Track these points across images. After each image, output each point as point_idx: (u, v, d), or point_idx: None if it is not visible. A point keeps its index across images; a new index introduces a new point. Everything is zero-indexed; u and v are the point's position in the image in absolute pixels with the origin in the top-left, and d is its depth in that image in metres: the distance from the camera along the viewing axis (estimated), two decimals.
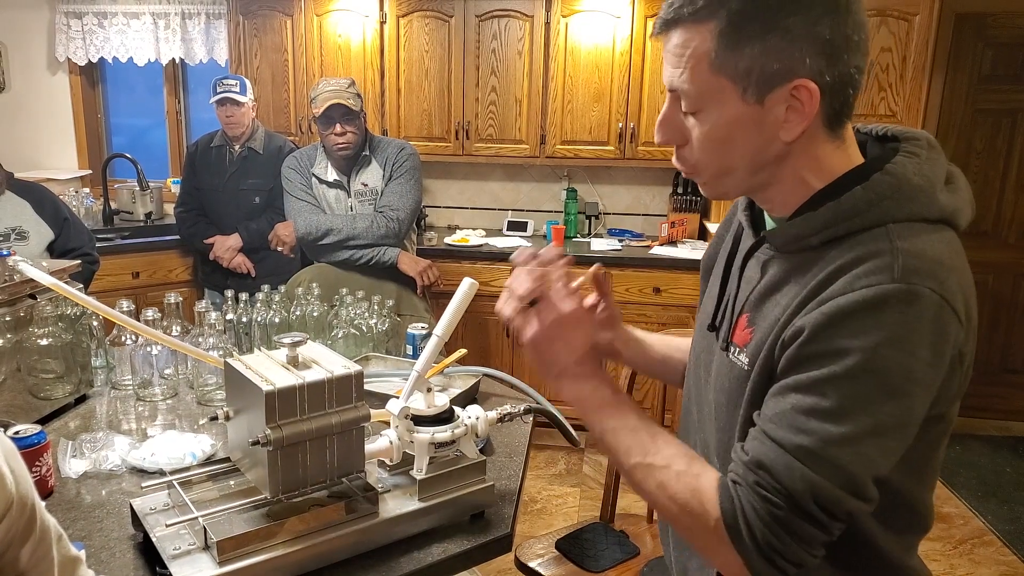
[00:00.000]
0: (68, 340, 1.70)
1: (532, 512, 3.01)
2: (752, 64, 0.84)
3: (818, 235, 0.87)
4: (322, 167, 2.86)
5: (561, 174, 4.07)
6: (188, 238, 3.54)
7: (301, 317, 2.06)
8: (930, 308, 0.78)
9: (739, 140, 0.88)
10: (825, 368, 0.80)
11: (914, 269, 0.79)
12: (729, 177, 0.92)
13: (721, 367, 0.99)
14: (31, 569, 0.79)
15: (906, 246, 0.81)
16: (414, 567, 1.16)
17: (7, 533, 0.75)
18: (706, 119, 0.88)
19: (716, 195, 0.98)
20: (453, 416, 1.27)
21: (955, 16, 3.69)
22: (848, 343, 0.78)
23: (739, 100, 0.86)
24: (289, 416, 1.08)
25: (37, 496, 0.80)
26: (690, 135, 0.91)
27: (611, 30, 3.57)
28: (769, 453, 0.82)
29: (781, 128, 0.86)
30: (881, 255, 0.81)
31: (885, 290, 0.78)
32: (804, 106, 0.84)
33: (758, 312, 0.93)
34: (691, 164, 0.94)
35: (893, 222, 0.84)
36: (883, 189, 0.85)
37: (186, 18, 4.09)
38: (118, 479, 1.40)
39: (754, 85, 0.85)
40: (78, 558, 0.90)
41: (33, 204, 2.58)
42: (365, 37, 3.74)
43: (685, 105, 0.89)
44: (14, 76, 4.23)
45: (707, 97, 0.87)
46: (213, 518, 1.10)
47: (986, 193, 3.88)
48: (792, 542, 0.81)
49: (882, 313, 0.78)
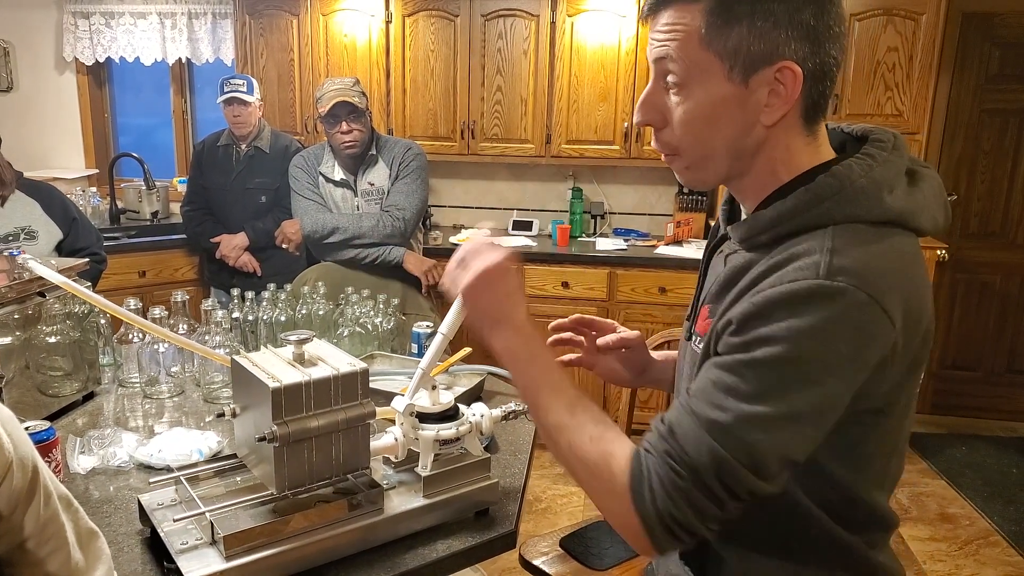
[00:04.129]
0: (76, 338, 1.71)
1: (536, 511, 3.02)
2: (740, 43, 0.85)
3: (766, 233, 0.90)
4: (329, 166, 2.87)
5: (566, 173, 4.07)
6: (195, 237, 3.55)
7: (307, 316, 2.07)
8: (853, 305, 0.80)
9: (722, 121, 0.89)
10: (748, 353, 0.83)
11: (840, 268, 0.81)
12: (711, 161, 0.93)
13: (687, 356, 1.06)
14: (37, 533, 0.80)
15: (838, 245, 0.83)
16: (419, 563, 1.16)
17: (10, 494, 0.75)
18: (690, 95, 0.89)
19: (695, 181, 0.97)
20: (458, 413, 1.27)
21: (962, 15, 3.68)
22: (770, 332, 0.81)
23: (724, 79, 0.87)
24: (295, 413, 1.09)
25: (41, 461, 0.81)
26: (671, 116, 0.92)
27: (617, 29, 3.57)
28: (684, 423, 0.85)
29: (762, 112, 0.88)
30: (811, 253, 0.83)
31: (809, 285, 0.80)
32: (787, 89, 0.86)
33: (716, 304, 0.96)
34: (672, 146, 0.94)
35: (834, 223, 0.86)
36: (823, 191, 0.87)
37: (192, 18, 4.10)
38: (126, 475, 1.41)
39: (740, 65, 0.86)
40: (96, 532, 0.90)
41: (42, 204, 2.59)
42: (371, 36, 3.75)
43: (672, 79, 0.90)
44: (22, 76, 4.26)
45: (694, 72, 0.88)
46: (220, 513, 1.10)
47: (994, 193, 3.87)
48: (690, 513, 0.83)
49: (805, 306, 0.80)
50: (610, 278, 3.56)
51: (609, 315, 3.56)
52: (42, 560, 0.81)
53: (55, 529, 0.82)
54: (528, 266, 3.62)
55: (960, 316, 4.00)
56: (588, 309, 3.59)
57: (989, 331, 4.00)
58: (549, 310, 3.63)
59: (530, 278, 3.62)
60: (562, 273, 3.59)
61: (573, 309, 3.59)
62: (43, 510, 0.80)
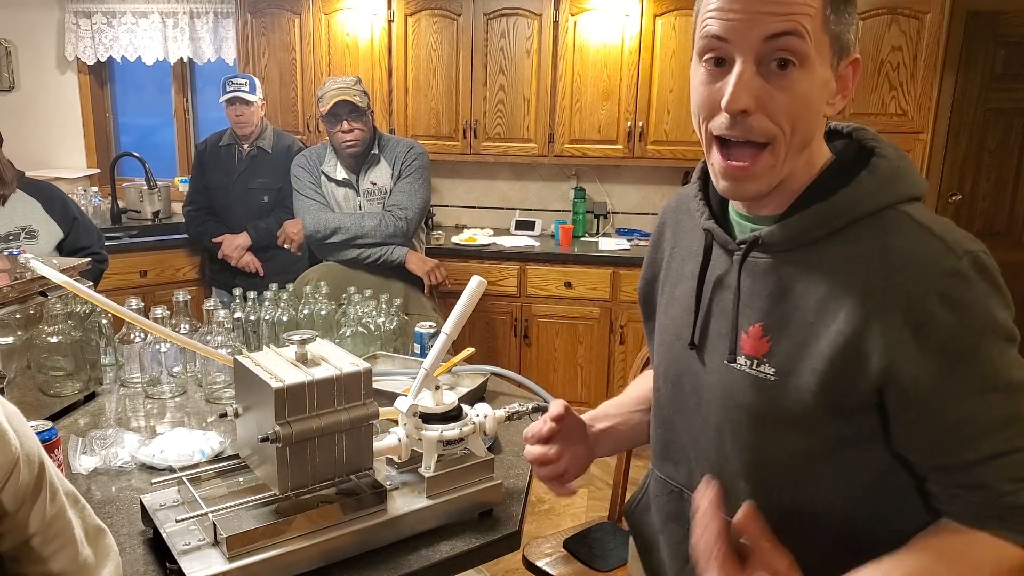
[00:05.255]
0: (78, 338, 1.71)
1: (540, 512, 3.01)
2: (842, 30, 0.86)
3: (825, 227, 0.87)
4: (331, 165, 2.86)
5: (569, 173, 4.06)
6: (197, 237, 3.54)
7: (309, 316, 2.06)
8: (991, 261, 0.84)
9: (815, 108, 0.86)
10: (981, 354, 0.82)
11: (956, 238, 0.83)
12: (805, 149, 0.88)
13: (731, 383, 0.94)
14: (43, 530, 0.79)
15: (926, 222, 0.85)
16: (422, 564, 1.15)
17: (16, 490, 0.74)
18: (806, 76, 0.84)
19: (761, 187, 0.88)
20: (461, 414, 1.26)
21: (967, 14, 3.67)
22: (978, 323, 0.81)
23: (828, 62, 0.85)
24: (298, 413, 1.08)
25: (47, 457, 0.80)
26: (769, 100, 0.84)
27: (620, 28, 3.56)
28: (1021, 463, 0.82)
29: (828, 103, 0.88)
30: (914, 245, 0.83)
31: (960, 266, 0.81)
32: (851, 81, 0.88)
33: (773, 318, 0.90)
34: (769, 133, 0.85)
35: (880, 208, 0.86)
36: (884, 174, 0.87)
37: (194, 17, 4.10)
38: (128, 475, 1.40)
39: (839, 50, 0.86)
40: (104, 529, 0.89)
41: (43, 203, 2.58)
42: (373, 36, 3.74)
43: (794, 53, 0.82)
44: (24, 75, 4.25)
45: (814, 49, 0.83)
46: (223, 514, 1.10)
47: (999, 192, 3.86)
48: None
49: (984, 284, 0.82)
50: (613, 278, 3.55)
51: (612, 315, 3.57)
52: (47, 558, 0.80)
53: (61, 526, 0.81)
54: (530, 266, 3.61)
55: None
56: (591, 309, 3.58)
57: None
58: (552, 310, 3.62)
59: (532, 278, 3.62)
60: (565, 273, 3.58)
61: (576, 309, 3.60)
62: (49, 507, 0.79)
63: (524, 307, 3.65)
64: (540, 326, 3.65)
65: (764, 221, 0.93)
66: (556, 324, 3.64)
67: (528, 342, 3.67)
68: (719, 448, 0.98)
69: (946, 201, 3.88)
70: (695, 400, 1.01)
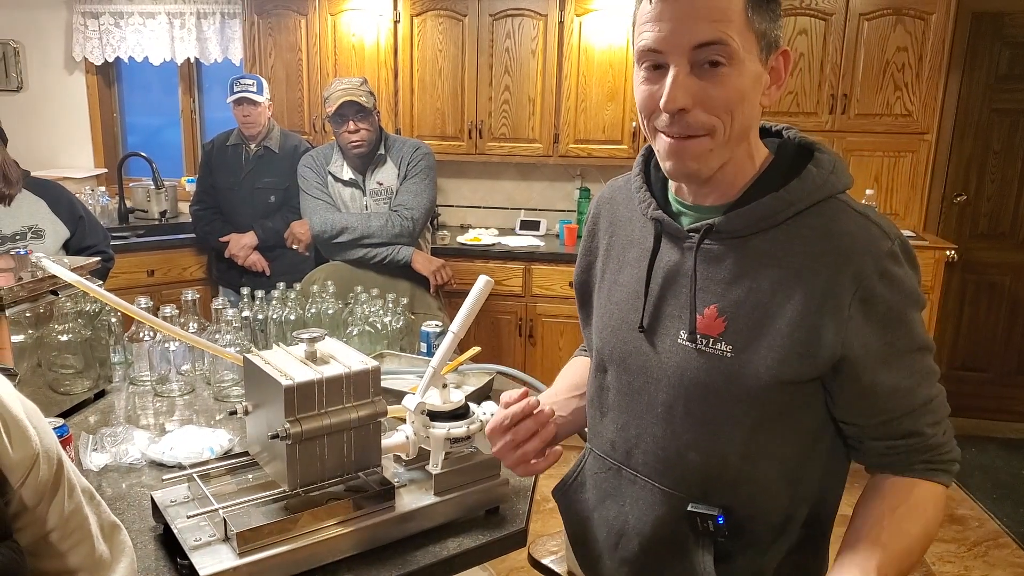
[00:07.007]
0: (87, 336, 1.72)
1: (545, 511, 3.01)
2: (767, 27, 0.92)
3: (781, 213, 0.95)
4: (338, 165, 2.88)
5: (574, 173, 4.07)
6: (204, 236, 3.56)
7: (316, 315, 2.07)
8: (909, 243, 0.97)
9: (751, 99, 0.94)
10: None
11: (887, 224, 0.95)
12: (742, 139, 0.96)
13: (684, 361, 1.00)
14: (62, 525, 0.80)
15: (864, 211, 0.96)
16: (429, 561, 1.17)
17: (36, 485, 0.75)
18: (734, 72, 0.91)
19: (705, 166, 0.95)
20: (468, 412, 1.27)
21: (972, 15, 3.66)
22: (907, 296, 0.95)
23: (756, 58, 0.92)
24: (307, 411, 1.09)
25: (64, 453, 0.81)
26: (703, 97, 0.91)
27: (625, 29, 3.56)
28: (938, 408, 0.99)
29: (762, 94, 0.95)
30: (859, 229, 0.94)
31: (894, 248, 0.93)
32: (783, 72, 0.96)
33: (727, 300, 0.97)
34: (708, 126, 0.92)
35: (824, 198, 0.96)
36: (827, 168, 0.96)
37: (201, 18, 4.12)
38: (138, 472, 1.41)
39: (766, 45, 0.93)
40: (119, 525, 0.90)
41: (49, 202, 2.60)
42: (379, 36, 3.75)
43: (722, 55, 0.89)
44: (31, 76, 4.28)
45: (742, 49, 0.90)
46: (233, 511, 1.11)
47: (1003, 193, 3.85)
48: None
49: (907, 263, 0.95)
50: None
51: None
52: (65, 553, 0.81)
53: (79, 522, 0.82)
54: (535, 266, 3.62)
55: (970, 317, 3.98)
56: None
57: (999, 332, 3.97)
58: (557, 310, 3.63)
59: (537, 278, 3.62)
60: (569, 273, 3.59)
61: None
62: (67, 502, 0.80)
63: (529, 307, 3.66)
64: (544, 326, 3.66)
65: (708, 211, 1.01)
66: (560, 324, 3.65)
67: (532, 341, 3.68)
68: (668, 423, 1.03)
69: (951, 202, 3.88)
70: (642, 379, 1.06)
